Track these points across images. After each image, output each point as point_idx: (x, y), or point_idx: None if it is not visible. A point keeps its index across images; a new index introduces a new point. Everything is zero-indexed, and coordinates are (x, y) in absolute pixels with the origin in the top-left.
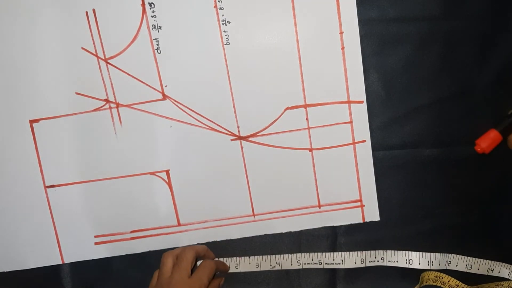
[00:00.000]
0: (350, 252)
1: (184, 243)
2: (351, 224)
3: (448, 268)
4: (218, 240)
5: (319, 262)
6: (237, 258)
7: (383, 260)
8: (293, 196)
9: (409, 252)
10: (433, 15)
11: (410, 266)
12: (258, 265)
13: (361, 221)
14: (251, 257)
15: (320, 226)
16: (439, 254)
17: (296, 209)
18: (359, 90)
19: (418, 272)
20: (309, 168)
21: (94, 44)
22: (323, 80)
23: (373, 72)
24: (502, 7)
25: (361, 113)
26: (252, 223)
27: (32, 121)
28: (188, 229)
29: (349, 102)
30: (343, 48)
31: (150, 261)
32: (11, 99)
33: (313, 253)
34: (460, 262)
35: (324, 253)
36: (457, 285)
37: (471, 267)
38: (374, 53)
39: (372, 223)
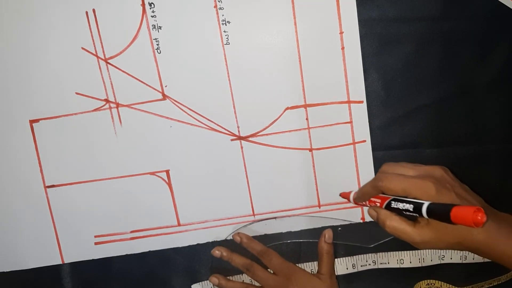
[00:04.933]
0: (341, 258)
1: (184, 243)
2: (350, 224)
3: (443, 262)
4: (218, 240)
5: (311, 271)
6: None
7: (375, 263)
8: (293, 196)
9: (399, 252)
10: (433, 15)
11: (402, 266)
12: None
13: (361, 221)
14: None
15: (320, 226)
16: (430, 250)
17: (296, 209)
18: (359, 90)
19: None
20: (309, 168)
21: (94, 44)
22: (323, 80)
23: (373, 72)
24: (502, 7)
25: (361, 113)
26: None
27: (32, 121)
28: (188, 229)
29: (349, 102)
30: (343, 48)
31: (150, 261)
32: (11, 99)
33: (306, 263)
34: (454, 255)
35: (314, 262)
36: None
37: (466, 258)
38: (374, 53)
39: (372, 223)
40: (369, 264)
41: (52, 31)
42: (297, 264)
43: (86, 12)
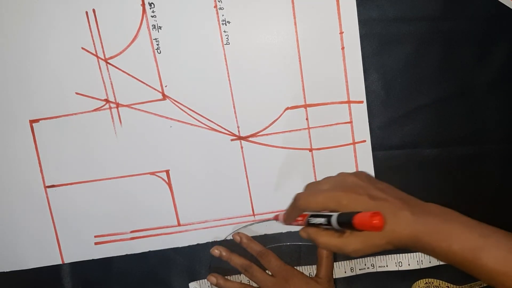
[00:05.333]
0: (340, 262)
1: (184, 243)
2: None
3: (441, 263)
4: (218, 240)
5: (309, 275)
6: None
7: (373, 266)
8: (293, 196)
9: (398, 255)
10: (433, 15)
11: (400, 269)
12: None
13: None
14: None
15: None
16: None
17: None
18: (359, 90)
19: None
20: (309, 168)
21: (94, 44)
22: (323, 80)
23: (373, 72)
24: (502, 7)
25: (361, 113)
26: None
27: (32, 121)
28: (188, 229)
29: (349, 102)
30: (343, 48)
31: (150, 261)
32: (11, 99)
33: (305, 266)
34: None
35: (313, 266)
36: (448, 287)
37: None
38: (374, 53)
39: None
40: (368, 268)
41: (52, 31)
42: (296, 267)
43: (86, 12)
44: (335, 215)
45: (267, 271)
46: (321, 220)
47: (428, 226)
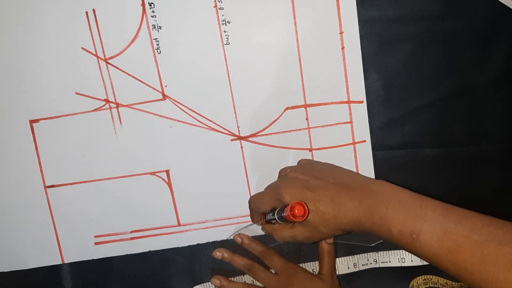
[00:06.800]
0: (342, 258)
1: (184, 243)
2: None
3: None
4: (218, 240)
5: (313, 271)
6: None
7: (376, 262)
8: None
9: (401, 251)
10: (433, 15)
11: (403, 265)
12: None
13: None
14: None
15: None
16: None
17: None
18: (359, 90)
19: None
20: None
21: (94, 44)
22: (323, 80)
23: (373, 72)
24: (502, 7)
25: (361, 113)
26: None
27: (32, 121)
28: (188, 229)
29: (349, 102)
30: (343, 48)
31: (150, 261)
32: (11, 99)
33: (307, 263)
34: None
35: (316, 262)
36: (446, 283)
37: None
38: (374, 53)
39: None
40: (371, 263)
41: (52, 31)
42: (298, 265)
43: (86, 12)
44: (276, 210)
45: (270, 270)
46: (271, 217)
47: (367, 210)
